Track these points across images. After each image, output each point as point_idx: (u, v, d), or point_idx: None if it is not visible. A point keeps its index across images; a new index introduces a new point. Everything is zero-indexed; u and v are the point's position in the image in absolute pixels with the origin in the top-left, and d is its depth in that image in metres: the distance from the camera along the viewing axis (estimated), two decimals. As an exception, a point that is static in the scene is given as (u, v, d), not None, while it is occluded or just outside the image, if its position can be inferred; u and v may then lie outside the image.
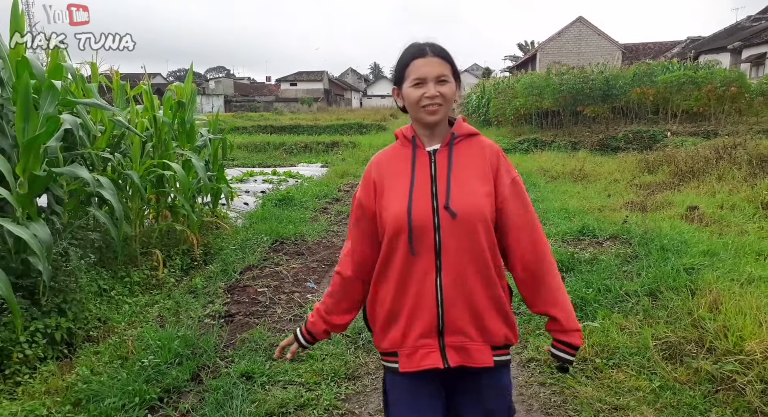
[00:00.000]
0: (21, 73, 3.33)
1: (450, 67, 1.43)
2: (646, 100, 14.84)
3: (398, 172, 1.47)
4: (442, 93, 1.40)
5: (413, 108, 1.43)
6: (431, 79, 1.40)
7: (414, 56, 1.42)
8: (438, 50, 1.43)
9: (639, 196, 7.50)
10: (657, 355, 2.99)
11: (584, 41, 29.10)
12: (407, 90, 1.43)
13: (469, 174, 1.44)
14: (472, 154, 1.47)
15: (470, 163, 1.45)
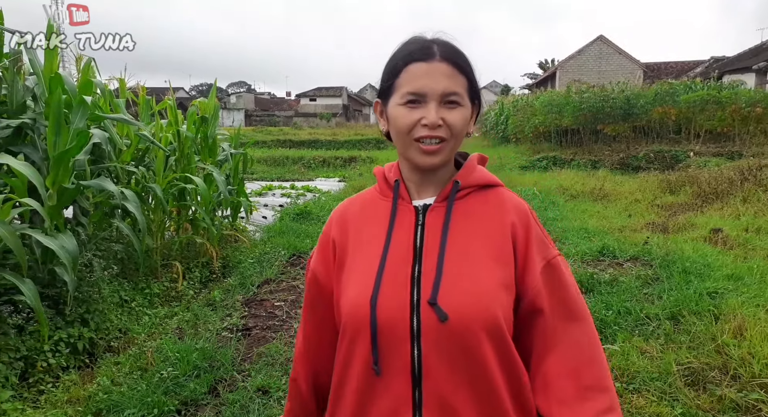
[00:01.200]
0: (54, 89, 3.45)
1: (466, 81, 0.94)
2: (668, 120, 14.69)
3: (368, 235, 1.01)
4: (449, 122, 0.91)
5: (401, 139, 0.95)
6: (434, 98, 0.91)
7: (412, 57, 0.93)
8: (451, 53, 0.94)
9: (660, 216, 7.40)
10: (679, 381, 2.92)
11: (605, 60, 29.02)
12: (395, 110, 0.94)
13: (475, 248, 0.95)
14: (483, 217, 0.98)
15: (479, 231, 0.96)
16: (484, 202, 1.00)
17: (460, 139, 0.96)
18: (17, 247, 2.66)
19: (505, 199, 1.02)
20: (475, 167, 1.04)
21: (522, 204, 1.03)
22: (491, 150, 19.80)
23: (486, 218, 0.98)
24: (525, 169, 14.05)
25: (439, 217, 0.98)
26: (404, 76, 0.93)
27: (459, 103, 0.93)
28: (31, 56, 3.70)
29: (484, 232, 0.97)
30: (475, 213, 0.99)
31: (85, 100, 3.56)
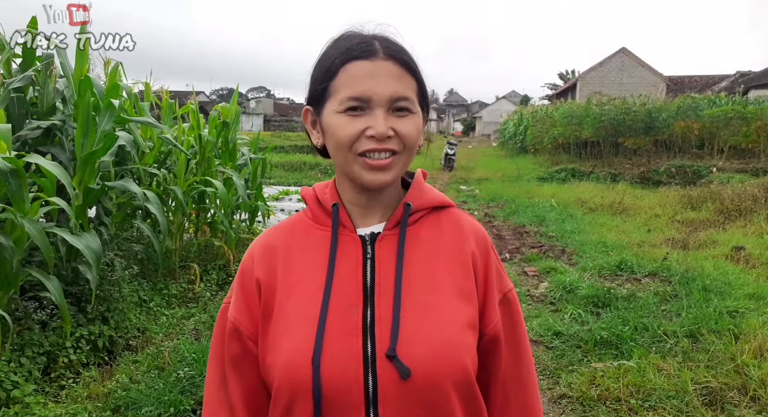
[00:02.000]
0: (83, 92, 3.55)
1: (416, 84, 0.80)
2: (691, 134, 14.50)
3: (301, 274, 0.82)
4: (401, 132, 0.77)
5: (342, 154, 0.79)
6: (381, 103, 0.75)
7: (350, 54, 0.77)
8: (397, 50, 0.79)
9: (681, 232, 7.29)
10: (696, 400, 2.88)
11: (627, 72, 28.76)
12: (332, 118, 0.78)
13: (436, 284, 0.81)
14: (440, 245, 0.84)
15: (438, 263, 0.82)
16: (438, 227, 0.86)
17: (414, 152, 0.81)
18: (44, 245, 2.74)
19: (462, 223, 0.88)
20: (424, 186, 0.89)
21: (480, 229, 0.90)
22: (509, 160, 19.72)
23: (443, 246, 0.84)
24: (543, 180, 13.96)
25: (392, 247, 0.81)
26: (342, 78, 0.76)
27: (410, 109, 0.78)
28: (62, 59, 3.81)
29: (443, 263, 0.82)
30: (430, 240, 0.84)
31: (112, 103, 3.66)
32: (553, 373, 3.35)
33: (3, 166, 2.62)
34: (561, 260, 6.02)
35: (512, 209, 9.52)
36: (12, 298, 2.94)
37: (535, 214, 8.87)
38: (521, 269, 5.77)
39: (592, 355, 3.55)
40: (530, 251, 6.44)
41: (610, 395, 3.00)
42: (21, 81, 3.48)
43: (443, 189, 13.65)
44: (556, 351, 3.65)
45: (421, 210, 0.86)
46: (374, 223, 0.85)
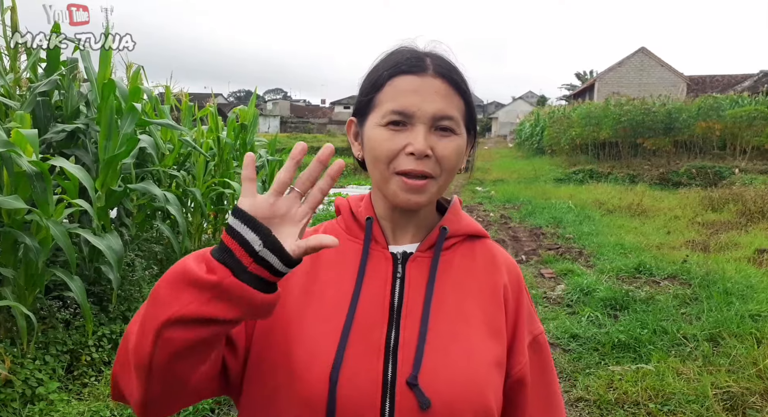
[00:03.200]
0: (106, 96, 3.63)
1: (464, 105, 0.78)
2: (712, 135, 14.25)
3: (327, 283, 0.79)
4: (440, 154, 0.74)
5: (379, 169, 0.76)
6: (423, 120, 0.73)
7: (399, 69, 0.76)
8: (448, 68, 0.77)
9: (701, 234, 7.17)
10: (717, 405, 2.83)
11: (646, 72, 28.36)
12: (373, 131, 0.77)
13: (467, 313, 0.78)
14: (473, 274, 0.82)
15: (470, 292, 0.80)
16: (472, 256, 0.84)
17: (452, 176, 0.78)
18: (68, 246, 2.81)
19: (496, 256, 0.86)
20: (461, 212, 0.88)
21: (514, 264, 0.88)
22: (525, 161, 19.59)
23: (476, 277, 0.82)
24: (560, 181, 13.85)
25: (423, 269, 0.79)
26: (388, 91, 0.76)
27: (454, 130, 0.76)
28: (86, 64, 3.91)
29: (474, 294, 0.80)
30: (463, 269, 0.82)
31: (134, 106, 3.73)
32: (570, 376, 3.33)
33: (29, 169, 2.70)
34: (578, 262, 5.96)
35: (529, 210, 9.45)
36: (37, 298, 3.02)
37: (551, 215, 8.81)
38: (537, 271, 5.73)
39: (610, 358, 3.51)
40: (547, 253, 6.40)
41: (628, 399, 2.97)
42: (46, 85, 3.57)
43: (458, 190, 13.61)
44: (573, 353, 3.62)
45: (457, 236, 0.84)
46: (406, 243, 0.83)
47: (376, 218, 0.83)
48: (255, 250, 0.60)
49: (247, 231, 0.60)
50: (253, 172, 0.63)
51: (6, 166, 2.71)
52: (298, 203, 0.64)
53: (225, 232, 0.62)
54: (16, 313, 2.65)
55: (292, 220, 0.63)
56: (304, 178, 0.64)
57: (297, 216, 0.64)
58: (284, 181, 0.63)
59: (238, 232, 0.60)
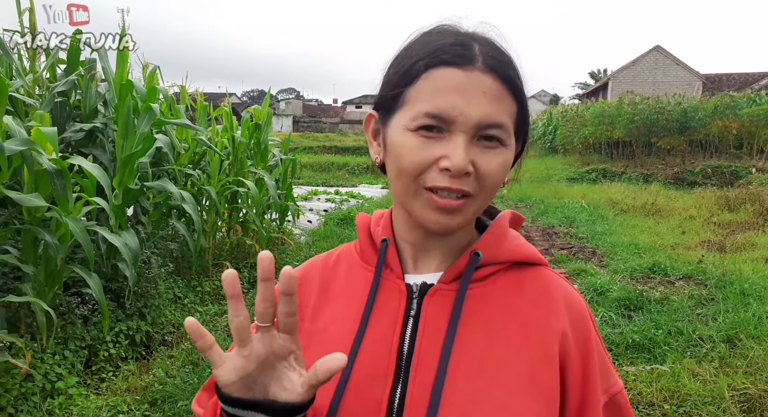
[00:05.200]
0: (124, 95, 3.68)
1: (516, 108, 0.62)
2: (729, 134, 14.04)
3: (333, 319, 0.68)
4: (483, 170, 0.60)
5: (403, 182, 0.62)
6: (466, 128, 0.58)
7: (439, 58, 0.60)
8: (501, 60, 0.61)
9: (717, 235, 7.08)
10: (734, 407, 2.80)
11: (661, 70, 28.03)
12: (401, 136, 0.61)
13: (499, 366, 0.61)
14: (516, 315, 0.64)
15: (508, 339, 0.63)
16: (519, 290, 0.66)
17: (493, 194, 0.62)
18: (86, 243, 2.86)
19: (552, 291, 0.66)
20: (506, 232, 0.69)
21: (580, 301, 0.67)
22: (538, 161, 19.47)
23: (520, 317, 0.63)
24: (573, 180, 13.74)
25: (445, 307, 0.63)
26: (423, 86, 0.59)
27: (502, 141, 0.60)
28: (104, 64, 3.96)
29: (516, 340, 0.62)
30: (503, 307, 0.64)
31: (151, 106, 3.78)
32: (583, 376, 3.32)
33: (49, 167, 2.75)
34: (591, 262, 5.92)
35: (541, 210, 9.40)
36: (56, 294, 3.08)
37: (564, 215, 8.75)
38: (551, 271, 5.70)
39: (624, 359, 3.49)
40: (560, 252, 6.36)
41: (643, 399, 2.95)
42: (65, 85, 3.63)
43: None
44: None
45: (496, 263, 0.66)
46: (430, 271, 0.67)
47: (394, 240, 0.68)
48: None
49: (251, 413, 0.52)
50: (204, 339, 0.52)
51: (27, 163, 2.77)
52: (273, 336, 0.52)
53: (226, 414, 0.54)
54: (36, 308, 2.71)
55: (279, 355, 0.53)
56: (261, 308, 0.51)
57: (281, 350, 0.52)
58: (242, 326, 0.51)
59: None
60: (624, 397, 0.67)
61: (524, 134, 0.66)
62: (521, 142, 0.66)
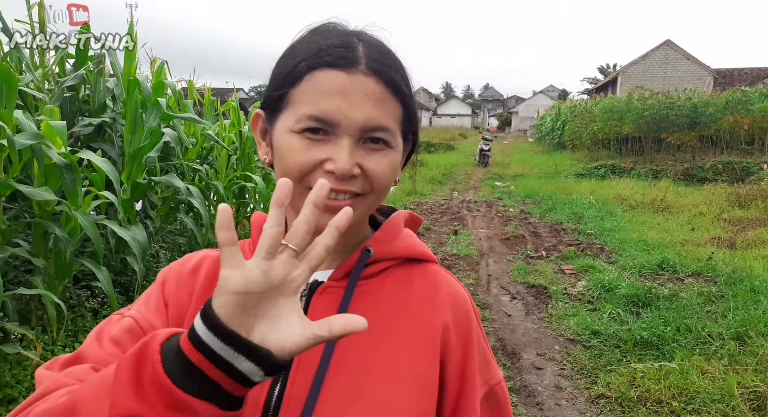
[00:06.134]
0: (132, 91, 3.69)
1: (401, 110, 0.62)
2: (740, 130, 13.89)
3: None
4: (370, 172, 0.60)
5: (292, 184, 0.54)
6: (350, 131, 0.59)
7: (322, 59, 0.59)
8: (386, 61, 0.61)
9: (727, 231, 7.02)
10: (743, 405, 2.78)
11: (671, 65, 27.75)
12: (285, 138, 0.61)
13: (383, 362, 0.62)
14: (406, 311, 0.65)
15: (397, 333, 0.64)
16: (408, 286, 0.66)
17: (384, 194, 0.63)
18: (96, 237, 2.87)
19: (439, 286, 0.67)
20: (400, 230, 0.70)
21: (465, 297, 0.68)
22: (545, 156, 19.37)
23: (408, 312, 0.64)
24: (581, 176, 13.67)
25: (333, 304, 0.63)
26: (306, 88, 0.59)
27: (389, 143, 0.61)
28: (112, 59, 3.98)
29: (402, 335, 0.63)
30: (392, 303, 0.65)
31: (158, 101, 3.79)
32: (591, 373, 3.31)
33: (59, 161, 2.77)
34: (599, 258, 5.89)
35: (549, 206, 9.36)
36: (66, 287, 3.10)
37: (572, 211, 8.70)
38: (558, 267, 5.68)
39: (632, 356, 3.47)
40: (567, 249, 6.33)
41: (651, 397, 2.94)
42: (74, 80, 3.65)
43: (478, 185, 13.54)
44: (594, 350, 3.59)
45: (387, 260, 0.66)
46: (321, 269, 0.66)
47: None
48: (252, 381, 0.44)
49: (240, 359, 0.42)
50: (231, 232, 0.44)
51: (37, 157, 2.78)
52: (296, 265, 0.46)
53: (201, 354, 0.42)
54: (46, 301, 2.73)
55: (288, 289, 0.45)
56: (302, 231, 0.45)
57: (294, 283, 0.46)
58: (277, 238, 0.45)
59: (225, 361, 0.42)
60: (502, 388, 0.69)
61: (413, 135, 0.68)
62: (410, 142, 0.68)
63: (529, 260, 6.01)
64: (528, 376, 3.30)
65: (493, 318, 4.27)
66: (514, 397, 3.04)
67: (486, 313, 4.34)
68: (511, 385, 3.14)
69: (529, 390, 3.13)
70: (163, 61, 4.70)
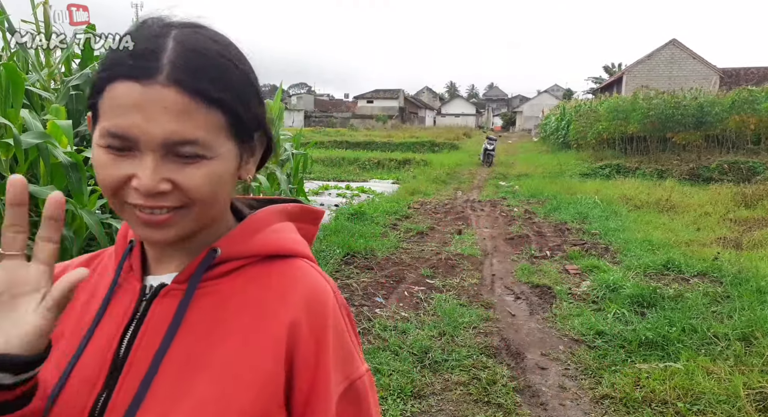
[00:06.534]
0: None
1: (223, 117, 0.57)
2: (746, 129, 13.82)
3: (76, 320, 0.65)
4: (184, 186, 0.56)
5: (107, 197, 0.58)
6: (152, 147, 0.54)
7: (116, 71, 0.54)
8: (191, 69, 0.55)
9: (733, 231, 6.98)
10: (749, 406, 2.77)
11: (677, 65, 27.61)
12: (94, 149, 0.57)
13: (217, 365, 0.58)
14: (257, 310, 0.61)
15: (240, 336, 0.60)
16: (262, 283, 0.62)
17: (214, 203, 0.58)
18: (101, 236, 2.89)
19: (296, 281, 0.62)
20: (263, 226, 0.65)
21: (323, 290, 0.63)
22: (550, 156, 19.33)
23: (257, 310, 0.60)
24: (586, 176, 13.63)
25: (173, 306, 0.60)
26: (106, 101, 0.55)
27: (202, 155, 0.55)
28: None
29: (245, 334, 0.59)
30: (240, 302, 0.61)
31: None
32: (595, 373, 3.30)
33: (64, 160, 2.78)
34: (604, 258, 5.87)
35: (553, 206, 9.34)
36: (72, 285, 3.11)
37: (577, 210, 8.68)
38: (562, 267, 5.66)
39: (637, 356, 3.46)
40: (572, 249, 6.31)
41: (656, 397, 2.93)
42: (79, 79, 3.66)
43: (482, 185, 13.52)
44: (598, 350, 3.58)
45: (241, 258, 0.63)
46: (170, 271, 0.64)
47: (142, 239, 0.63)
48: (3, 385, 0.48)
49: None
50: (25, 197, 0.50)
51: (43, 156, 2.80)
52: (22, 266, 0.49)
53: None
54: (52, 299, 2.74)
55: (22, 291, 0.49)
56: (10, 233, 0.48)
57: (28, 285, 0.49)
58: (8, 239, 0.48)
59: None
60: (363, 383, 0.64)
61: (262, 135, 0.64)
62: (262, 142, 0.65)
63: (533, 260, 6.00)
64: (532, 376, 3.30)
65: (497, 318, 4.26)
66: (518, 397, 3.03)
67: (490, 313, 4.33)
68: (514, 385, 3.14)
69: (533, 390, 3.13)
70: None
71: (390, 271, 5.58)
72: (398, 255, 6.27)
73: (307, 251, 0.68)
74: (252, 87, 0.61)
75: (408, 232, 7.56)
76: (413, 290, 4.95)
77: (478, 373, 3.28)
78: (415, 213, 9.17)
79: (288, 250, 0.65)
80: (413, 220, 8.54)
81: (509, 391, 3.06)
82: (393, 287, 5.09)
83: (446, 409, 2.90)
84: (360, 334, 3.93)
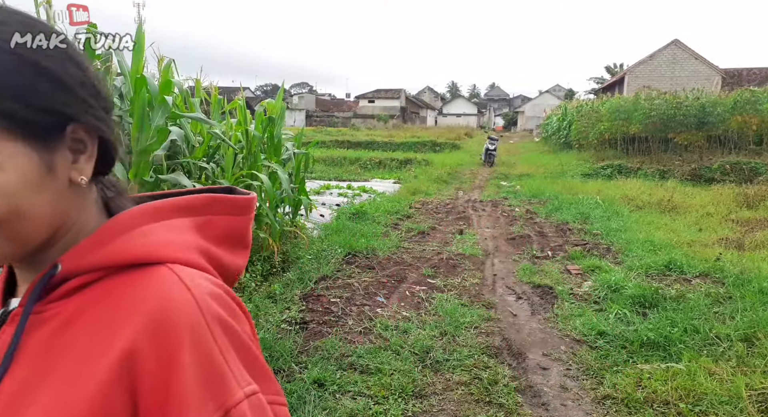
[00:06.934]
0: (139, 89, 3.71)
1: None
2: (749, 130, 13.80)
3: None
4: None
5: None
6: None
7: None
8: None
9: (736, 232, 6.97)
10: (751, 407, 2.76)
11: (679, 65, 27.57)
12: None
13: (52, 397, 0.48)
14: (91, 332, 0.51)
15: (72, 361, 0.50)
16: (106, 304, 0.52)
17: (22, 217, 0.50)
18: None
19: (144, 296, 0.51)
20: (125, 230, 0.55)
21: (176, 306, 0.51)
22: (552, 156, 19.32)
23: (87, 341, 0.50)
24: (588, 176, 13.62)
25: (9, 336, 0.52)
26: None
27: None
28: (119, 58, 4.00)
29: (68, 374, 0.49)
30: (76, 331, 0.51)
31: (166, 99, 3.81)
32: (597, 374, 3.29)
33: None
34: (606, 259, 5.87)
35: (555, 206, 9.33)
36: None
37: (578, 211, 8.67)
38: (564, 267, 5.66)
39: (638, 356, 3.46)
40: (573, 249, 6.31)
41: (658, 398, 2.92)
42: (82, 78, 3.67)
43: (483, 185, 13.52)
44: (600, 351, 3.58)
45: (87, 272, 0.53)
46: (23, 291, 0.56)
47: None
48: None
49: None
50: None
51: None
52: None
53: None
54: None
55: None
56: None
57: None
58: None
59: None
60: (242, 410, 0.50)
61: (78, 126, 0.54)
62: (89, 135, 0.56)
63: (534, 260, 5.99)
64: (533, 376, 3.30)
65: (498, 318, 4.26)
66: (520, 397, 3.03)
67: (491, 313, 4.33)
68: (516, 385, 3.14)
69: (535, 390, 3.12)
70: (170, 59, 4.71)
71: (391, 271, 5.58)
72: (399, 255, 6.27)
73: (184, 254, 0.55)
74: (29, 72, 0.49)
75: (409, 232, 7.56)
76: (414, 290, 4.95)
77: (479, 373, 3.28)
78: (417, 213, 9.17)
79: (148, 256, 0.53)
80: (414, 219, 8.54)
81: (511, 391, 3.06)
82: (394, 287, 5.09)
83: (447, 409, 2.90)
84: (361, 333, 3.94)
